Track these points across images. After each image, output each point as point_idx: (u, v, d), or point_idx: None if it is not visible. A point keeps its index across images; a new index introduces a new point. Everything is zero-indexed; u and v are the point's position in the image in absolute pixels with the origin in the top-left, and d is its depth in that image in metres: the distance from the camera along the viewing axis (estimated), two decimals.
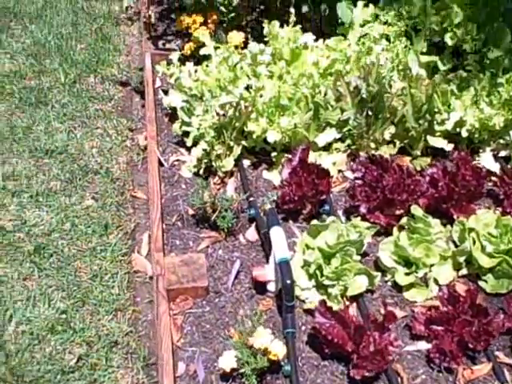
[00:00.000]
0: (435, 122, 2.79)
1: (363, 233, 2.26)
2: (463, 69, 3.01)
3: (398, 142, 2.84)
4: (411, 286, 2.27)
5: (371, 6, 3.16)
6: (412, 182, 2.49)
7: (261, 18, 3.63)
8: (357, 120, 2.73)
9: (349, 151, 2.82)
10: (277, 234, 2.13)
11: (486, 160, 2.84)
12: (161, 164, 2.69)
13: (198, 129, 2.62)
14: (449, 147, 2.81)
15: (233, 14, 3.49)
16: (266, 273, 2.15)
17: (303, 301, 2.19)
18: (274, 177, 2.64)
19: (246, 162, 2.73)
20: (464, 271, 2.35)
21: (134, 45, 3.77)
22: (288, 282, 1.99)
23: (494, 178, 2.73)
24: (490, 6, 3.07)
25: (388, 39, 3.11)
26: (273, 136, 2.59)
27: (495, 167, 2.81)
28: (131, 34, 3.88)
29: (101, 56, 3.58)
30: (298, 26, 2.98)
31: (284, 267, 2.02)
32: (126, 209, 2.63)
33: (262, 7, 3.70)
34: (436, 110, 2.78)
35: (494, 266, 2.30)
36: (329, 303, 2.11)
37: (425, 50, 3.08)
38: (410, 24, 3.12)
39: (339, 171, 2.74)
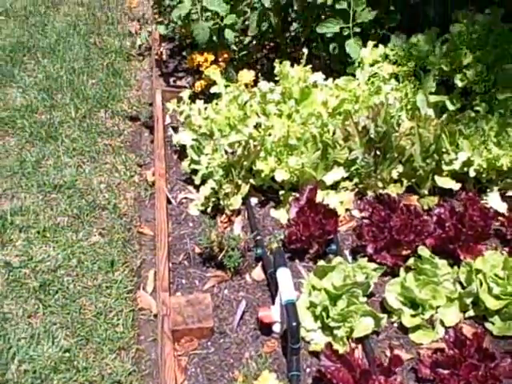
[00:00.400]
0: (443, 162, 2.78)
1: (370, 274, 2.25)
2: (471, 109, 3.01)
3: (405, 181, 2.84)
4: (417, 327, 2.25)
5: (381, 46, 3.19)
6: (419, 222, 2.48)
7: (271, 54, 3.68)
8: (365, 159, 2.74)
9: (356, 190, 2.81)
10: (283, 275, 2.12)
11: (494, 199, 2.83)
12: (169, 202, 2.70)
13: (207, 167, 2.64)
14: (456, 186, 2.80)
15: (244, 52, 3.55)
16: (272, 314, 2.14)
17: (308, 342, 2.17)
18: (281, 215, 2.64)
19: (254, 200, 2.73)
20: (471, 313, 2.33)
21: (144, 80, 3.81)
22: (294, 324, 1.97)
23: (501, 218, 2.71)
24: (499, 47, 3.09)
25: (397, 79, 3.14)
26: (281, 175, 2.60)
27: (502, 207, 2.79)
28: (142, 69, 3.92)
29: (112, 91, 3.62)
30: (309, 66, 3.01)
31: (290, 309, 2.01)
32: (132, 245, 2.64)
33: (272, 44, 3.75)
34: (444, 149, 2.78)
35: (500, 308, 2.28)
36: (334, 345, 2.09)
37: (433, 89, 3.08)
38: (419, 64, 3.14)
39: (346, 210, 2.74)
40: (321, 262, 2.31)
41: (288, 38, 3.63)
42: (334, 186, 2.79)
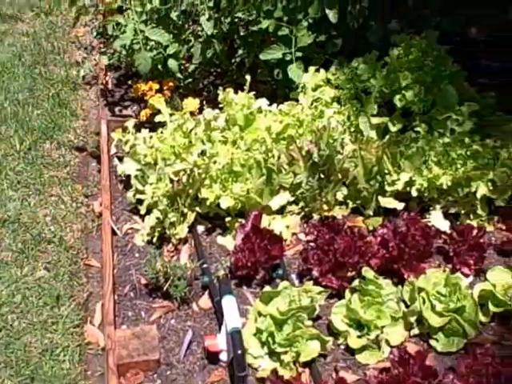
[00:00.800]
0: (386, 183, 2.84)
1: (315, 298, 2.28)
2: (412, 129, 3.09)
3: (350, 203, 2.89)
4: (364, 348, 2.28)
5: (322, 70, 3.25)
6: (363, 243, 2.53)
7: (218, 81, 3.72)
8: (309, 183, 2.77)
9: (302, 213, 2.85)
10: (228, 303, 2.14)
11: (436, 218, 2.90)
12: (114, 233, 2.69)
13: (152, 197, 2.64)
14: (400, 206, 2.86)
15: (189, 80, 3.58)
16: (218, 342, 2.15)
17: (256, 369, 2.18)
18: (228, 242, 2.66)
19: (200, 228, 2.74)
20: (415, 331, 2.37)
21: (91, 109, 3.79)
22: (239, 352, 1.99)
23: (443, 236, 2.77)
24: (436, 68, 3.18)
25: (340, 102, 3.20)
26: (226, 202, 2.61)
27: (445, 224, 2.86)
28: (89, 98, 3.89)
29: (57, 121, 3.59)
30: (252, 92, 3.05)
31: (235, 337, 2.03)
32: (79, 278, 2.61)
33: (218, 71, 3.79)
34: (386, 171, 2.84)
35: (444, 324, 2.33)
36: (282, 370, 2.12)
37: (375, 111, 3.15)
38: (360, 87, 3.21)
39: (293, 234, 2.77)
40: (266, 288, 2.33)
41: (234, 65, 3.67)
42: (281, 211, 2.82)
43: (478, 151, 2.89)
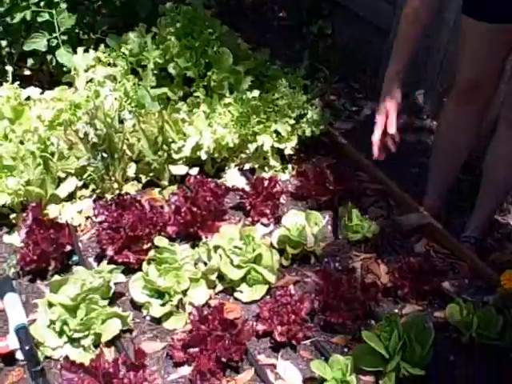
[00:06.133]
0: (173, 151, 2.84)
1: (106, 277, 2.23)
2: (192, 95, 3.11)
3: (143, 177, 2.86)
4: (169, 315, 2.28)
5: (91, 51, 3.17)
6: (154, 214, 2.52)
7: None
8: (92, 164, 2.70)
9: (95, 196, 2.78)
10: (10, 301, 2.04)
11: (232, 176, 2.96)
12: None
13: None
14: (194, 171, 2.87)
15: None
16: (9, 343, 2.03)
17: (58, 360, 2.10)
18: (15, 239, 2.52)
19: None
20: (220, 287, 2.41)
21: None
22: (27, 348, 1.91)
23: (240, 192, 2.82)
24: (205, 32, 3.22)
25: (115, 79, 3.14)
26: (1, 199, 2.48)
27: (241, 181, 2.93)
28: None
29: None
30: (17, 83, 2.91)
31: (21, 333, 1.94)
32: None
33: None
34: (170, 139, 2.84)
35: (244, 275, 2.39)
36: (85, 354, 2.07)
37: (154, 83, 3.13)
38: (134, 61, 3.18)
39: (87, 218, 2.69)
40: (55, 277, 2.25)
41: (5, 57, 3.47)
42: (74, 197, 2.73)
43: (258, 106, 2.97)
